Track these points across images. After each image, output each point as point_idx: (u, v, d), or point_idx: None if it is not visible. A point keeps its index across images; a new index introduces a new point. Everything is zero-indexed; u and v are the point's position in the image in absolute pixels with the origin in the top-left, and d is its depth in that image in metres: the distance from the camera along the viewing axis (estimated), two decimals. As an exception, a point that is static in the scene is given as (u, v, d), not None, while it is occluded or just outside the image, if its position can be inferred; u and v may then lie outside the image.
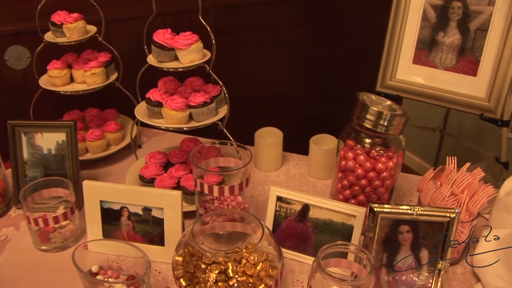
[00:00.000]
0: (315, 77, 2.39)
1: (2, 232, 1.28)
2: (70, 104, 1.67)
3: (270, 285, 1.02)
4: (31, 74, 1.73)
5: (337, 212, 1.15)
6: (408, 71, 1.54)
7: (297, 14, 2.23)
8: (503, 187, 1.16)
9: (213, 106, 1.29)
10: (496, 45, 1.41)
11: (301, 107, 2.43)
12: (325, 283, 0.96)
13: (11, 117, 1.58)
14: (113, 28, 1.83)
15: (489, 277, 1.10)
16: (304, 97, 2.43)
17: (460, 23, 1.46)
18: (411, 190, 1.42)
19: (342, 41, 2.31)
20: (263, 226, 1.04)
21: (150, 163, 1.38)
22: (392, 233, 1.07)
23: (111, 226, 1.21)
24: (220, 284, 1.04)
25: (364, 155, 1.21)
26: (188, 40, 1.21)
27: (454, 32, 1.47)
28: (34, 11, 1.41)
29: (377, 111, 1.15)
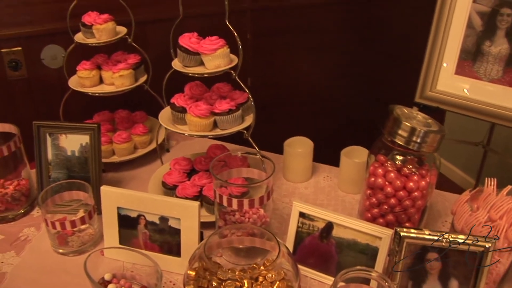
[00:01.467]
0: (355, 83, 2.31)
1: (23, 232, 1.29)
2: (102, 104, 1.66)
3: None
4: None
5: (362, 233, 1.08)
6: (449, 82, 1.44)
7: (339, 18, 2.15)
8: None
9: (239, 114, 1.24)
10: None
11: (339, 113, 2.35)
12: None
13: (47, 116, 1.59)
14: (148, 29, 1.82)
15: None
16: (343, 104, 2.35)
17: (509, 32, 1.35)
18: (446, 210, 1.33)
19: (385, 46, 2.21)
20: (280, 244, 0.99)
21: (174, 169, 1.35)
22: (419, 260, 0.99)
23: (128, 233, 1.18)
24: (234, 301, 0.99)
25: (394, 172, 1.13)
26: (214, 45, 1.17)
27: (502, 41, 1.36)
28: (72, 11, 1.40)
29: (410, 126, 1.07)
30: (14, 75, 1.70)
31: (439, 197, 1.38)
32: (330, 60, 2.23)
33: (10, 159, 1.31)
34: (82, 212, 1.23)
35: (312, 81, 2.27)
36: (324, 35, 2.17)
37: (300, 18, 2.09)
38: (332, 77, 2.28)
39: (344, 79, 2.31)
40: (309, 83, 2.27)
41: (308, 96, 2.29)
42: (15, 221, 1.32)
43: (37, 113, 1.77)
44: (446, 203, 1.36)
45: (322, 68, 2.24)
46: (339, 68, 2.27)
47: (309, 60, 2.20)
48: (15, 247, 1.23)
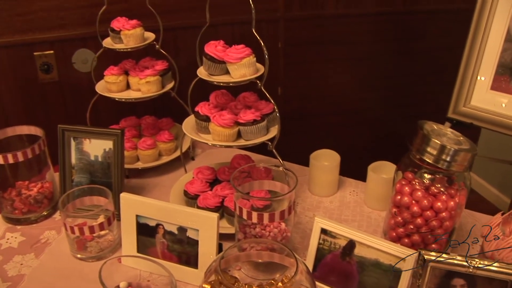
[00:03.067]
0: (387, 95, 2.25)
1: (44, 234, 1.29)
2: (130, 109, 1.67)
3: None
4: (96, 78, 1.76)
5: (385, 253, 1.03)
6: (485, 97, 1.38)
7: (373, 29, 2.11)
8: None
9: (264, 124, 1.21)
10: None
11: (369, 126, 2.29)
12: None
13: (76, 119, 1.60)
14: (177, 35, 1.82)
15: None
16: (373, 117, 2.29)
17: (550, 48, 1.29)
18: (476, 232, 1.26)
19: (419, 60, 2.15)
20: (299, 261, 0.95)
21: (197, 178, 1.33)
22: (444, 285, 0.94)
23: (146, 241, 1.17)
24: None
25: (422, 191, 1.08)
26: (240, 54, 1.15)
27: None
28: (103, 16, 1.41)
29: (439, 144, 1.02)
30: (46, 78, 1.73)
31: (469, 218, 1.31)
32: (362, 72, 2.18)
33: (35, 161, 1.32)
34: (102, 218, 1.23)
35: (343, 93, 2.22)
36: (357, 46, 2.13)
37: (333, 28, 2.05)
38: (363, 89, 2.23)
39: (376, 91, 2.25)
40: (340, 94, 2.22)
41: (338, 108, 2.24)
42: (37, 223, 1.33)
43: (67, 116, 1.79)
44: (477, 223, 1.29)
45: (354, 80, 2.20)
46: (371, 80, 2.22)
47: (340, 71, 2.16)
48: (35, 250, 1.24)
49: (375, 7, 2.03)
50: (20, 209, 1.31)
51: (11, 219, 1.32)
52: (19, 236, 1.28)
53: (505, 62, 1.35)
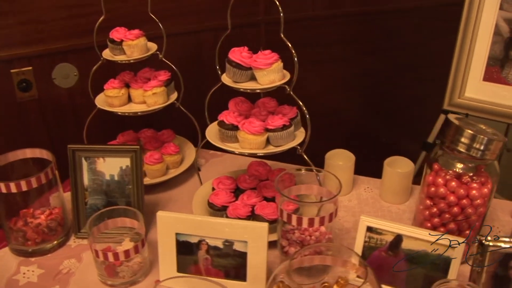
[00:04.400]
0: (361, 94, 2.32)
1: (64, 264, 1.20)
2: (120, 125, 1.59)
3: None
4: (78, 93, 1.66)
5: (433, 244, 1.07)
6: (478, 88, 1.48)
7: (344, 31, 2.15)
8: None
9: (292, 129, 1.21)
10: None
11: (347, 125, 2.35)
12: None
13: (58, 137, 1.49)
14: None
15: None
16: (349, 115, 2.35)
17: (537, 39, 1.40)
18: (496, 215, 1.34)
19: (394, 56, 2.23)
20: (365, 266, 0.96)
21: (220, 189, 1.30)
22: (502, 268, 0.99)
23: (187, 259, 1.12)
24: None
25: (456, 181, 1.13)
26: (269, 59, 1.14)
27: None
28: (83, 28, 1.34)
29: (473, 134, 1.08)
30: (25, 96, 1.59)
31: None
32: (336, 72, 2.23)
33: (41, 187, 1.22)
34: (128, 241, 1.17)
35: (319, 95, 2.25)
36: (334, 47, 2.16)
37: (306, 31, 2.07)
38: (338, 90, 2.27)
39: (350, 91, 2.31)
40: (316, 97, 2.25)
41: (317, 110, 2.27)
42: (51, 253, 1.23)
43: (50, 135, 1.66)
44: (496, 207, 1.37)
45: (329, 81, 2.23)
46: (345, 80, 2.27)
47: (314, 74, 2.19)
48: (59, 282, 1.15)
49: (350, 7, 2.08)
50: (34, 239, 1.21)
51: (22, 251, 1.22)
52: (36, 269, 1.18)
53: (495, 54, 1.45)
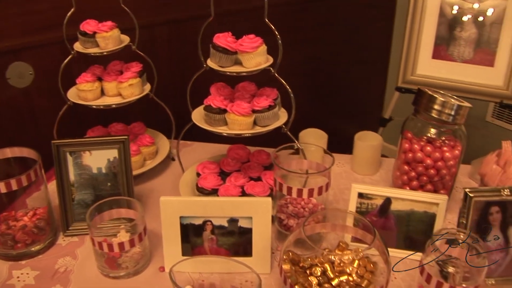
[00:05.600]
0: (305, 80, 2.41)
1: (59, 263, 1.16)
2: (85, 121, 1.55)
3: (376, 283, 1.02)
4: (34, 92, 1.60)
5: (419, 202, 1.18)
6: (428, 66, 1.62)
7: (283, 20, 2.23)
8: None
9: (277, 109, 1.26)
10: (510, 36, 1.52)
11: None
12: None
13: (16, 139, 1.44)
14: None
15: None
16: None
17: (476, 18, 1.57)
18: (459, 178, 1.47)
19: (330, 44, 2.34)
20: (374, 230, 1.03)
21: (208, 173, 1.32)
22: (483, 215, 1.11)
23: (191, 243, 1.13)
24: (326, 286, 1.02)
25: (430, 145, 1.25)
26: (255, 43, 1.18)
27: (471, 26, 1.57)
28: (36, 25, 1.30)
29: (444, 101, 1.20)
30: (-22, 98, 1.51)
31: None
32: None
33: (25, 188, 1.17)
34: (124, 232, 1.16)
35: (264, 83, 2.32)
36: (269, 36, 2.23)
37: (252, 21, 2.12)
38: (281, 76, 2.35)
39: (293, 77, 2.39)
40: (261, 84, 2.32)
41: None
42: (42, 255, 1.18)
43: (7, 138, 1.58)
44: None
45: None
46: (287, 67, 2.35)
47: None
48: (58, 281, 1.11)
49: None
50: (24, 241, 1.16)
51: (11, 255, 1.16)
52: (31, 271, 1.13)
53: (441, 34, 1.60)
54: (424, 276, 1.01)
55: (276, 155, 1.18)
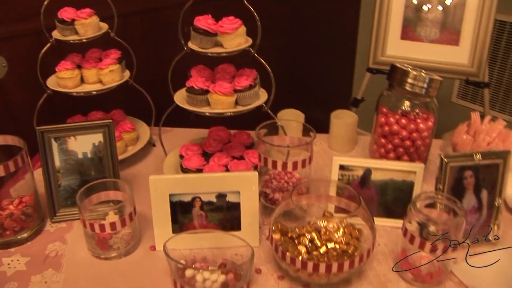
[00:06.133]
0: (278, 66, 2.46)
1: (49, 248, 1.17)
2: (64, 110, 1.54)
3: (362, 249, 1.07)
4: (10, 85, 1.58)
5: (397, 171, 1.23)
6: (397, 46, 1.69)
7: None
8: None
9: (257, 89, 1.30)
10: (473, 16, 1.61)
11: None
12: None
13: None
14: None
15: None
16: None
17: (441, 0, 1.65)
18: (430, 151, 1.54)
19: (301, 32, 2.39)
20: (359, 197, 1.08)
21: (191, 155, 1.35)
22: (458, 179, 1.18)
23: (181, 220, 1.16)
24: (315, 253, 1.06)
25: (405, 118, 1.31)
26: (234, 24, 1.21)
27: (436, 8, 1.65)
28: (9, 17, 1.29)
29: (417, 74, 1.26)
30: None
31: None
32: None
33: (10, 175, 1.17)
34: (112, 214, 1.17)
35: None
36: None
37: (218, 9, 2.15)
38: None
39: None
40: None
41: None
42: (31, 242, 1.18)
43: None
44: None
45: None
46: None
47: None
48: (51, 265, 1.12)
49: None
50: (12, 228, 1.16)
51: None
52: (21, 257, 1.14)
53: (408, 16, 1.67)
54: (407, 237, 1.07)
55: (259, 132, 1.22)
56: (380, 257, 1.16)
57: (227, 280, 1.04)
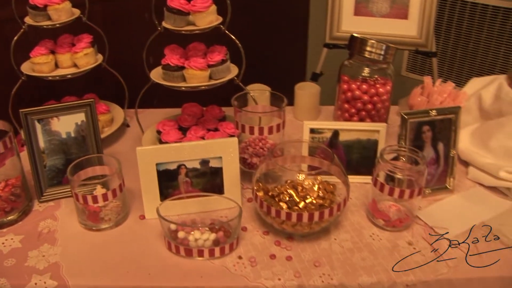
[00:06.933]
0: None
1: (41, 226, 1.21)
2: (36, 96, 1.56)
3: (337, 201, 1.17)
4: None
5: (363, 131, 1.35)
6: (351, 22, 1.81)
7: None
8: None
9: (229, 63, 1.38)
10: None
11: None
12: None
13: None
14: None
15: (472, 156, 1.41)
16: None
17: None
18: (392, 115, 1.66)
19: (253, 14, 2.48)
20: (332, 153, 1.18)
21: (168, 129, 1.41)
22: (417, 134, 1.30)
23: (168, 187, 1.23)
24: (295, 208, 1.16)
25: (365, 84, 1.43)
26: (206, 3, 1.29)
27: (385, -16, 1.78)
28: None
29: (374, 42, 1.38)
30: None
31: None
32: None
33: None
34: (100, 188, 1.22)
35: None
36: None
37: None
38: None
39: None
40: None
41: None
42: (21, 221, 1.22)
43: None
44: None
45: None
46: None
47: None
48: (45, 240, 1.16)
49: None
50: (3, 209, 1.19)
51: (-10, 224, 1.19)
52: (15, 236, 1.17)
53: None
54: (377, 186, 1.18)
55: (234, 102, 1.30)
56: (353, 208, 1.27)
57: (217, 238, 1.12)
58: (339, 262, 1.10)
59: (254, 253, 1.13)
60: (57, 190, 1.29)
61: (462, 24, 2.30)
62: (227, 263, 1.10)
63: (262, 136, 1.35)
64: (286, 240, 1.16)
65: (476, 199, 1.30)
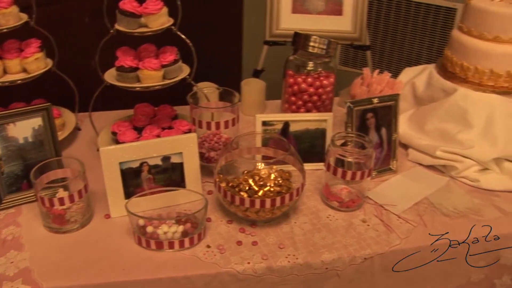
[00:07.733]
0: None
1: (4, 233, 1.20)
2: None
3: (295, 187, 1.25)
4: None
5: (311, 121, 1.44)
6: (289, 20, 1.91)
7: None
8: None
9: (181, 63, 1.43)
10: (350, -12, 1.88)
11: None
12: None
13: None
14: None
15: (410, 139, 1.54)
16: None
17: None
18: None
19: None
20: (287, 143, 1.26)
21: (124, 130, 1.44)
22: (362, 121, 1.41)
23: (131, 185, 1.26)
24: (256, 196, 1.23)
25: (310, 77, 1.52)
26: (158, 5, 1.33)
27: (317, -18, 1.89)
28: None
29: (316, 37, 1.48)
30: None
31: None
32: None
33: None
34: (62, 191, 1.23)
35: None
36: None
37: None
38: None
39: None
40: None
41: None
42: (-18, 231, 1.21)
43: None
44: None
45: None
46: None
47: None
48: (11, 247, 1.15)
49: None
50: (-37, 217, 1.18)
51: (-49, 234, 1.17)
52: (-25, 246, 1.17)
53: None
54: (331, 170, 1.28)
55: (190, 99, 1.36)
56: (308, 193, 1.36)
57: (185, 229, 1.17)
58: (301, 243, 1.19)
59: (221, 241, 1.19)
60: (17, 196, 1.29)
61: (389, 19, 2.47)
62: (197, 252, 1.16)
63: (217, 131, 1.41)
64: (249, 227, 1.23)
65: (417, 177, 1.43)
